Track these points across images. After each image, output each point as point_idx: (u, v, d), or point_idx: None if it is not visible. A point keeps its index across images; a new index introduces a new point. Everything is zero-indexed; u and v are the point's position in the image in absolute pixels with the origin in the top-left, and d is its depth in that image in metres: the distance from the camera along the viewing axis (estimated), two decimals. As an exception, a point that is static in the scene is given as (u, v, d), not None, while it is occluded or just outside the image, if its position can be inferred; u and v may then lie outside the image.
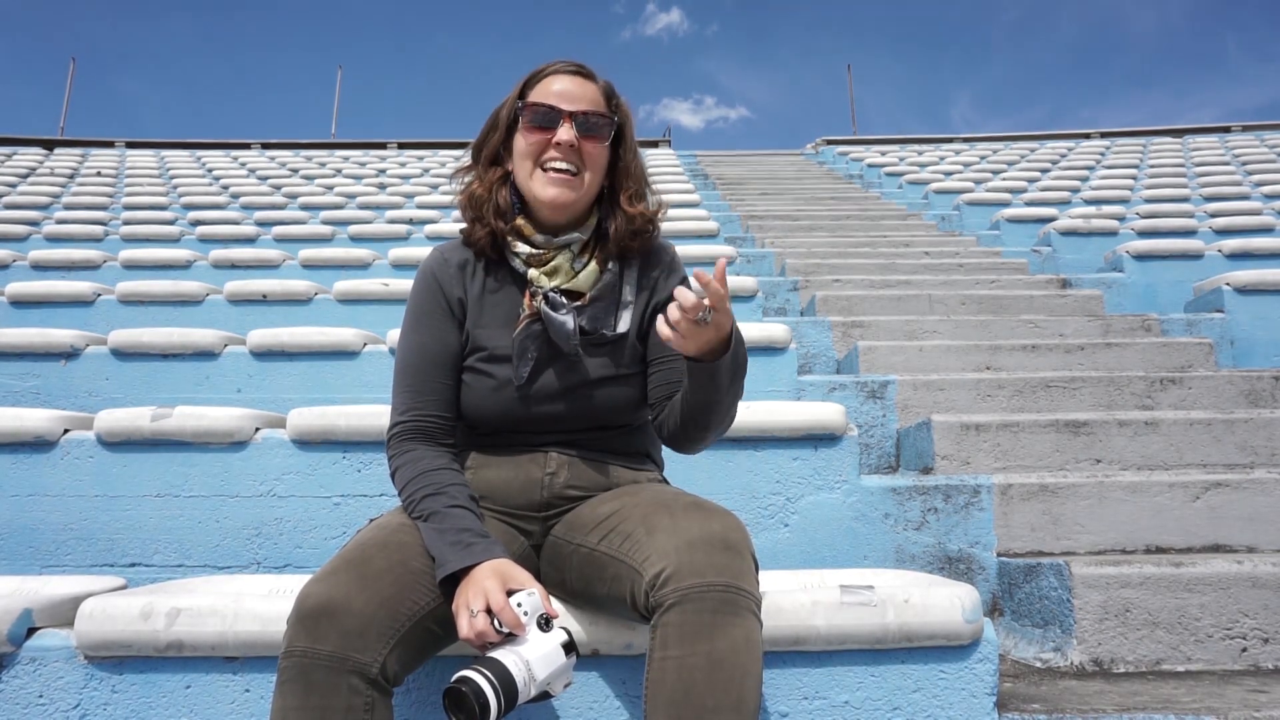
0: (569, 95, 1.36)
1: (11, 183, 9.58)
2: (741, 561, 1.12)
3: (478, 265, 1.43)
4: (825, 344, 3.87)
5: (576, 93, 1.37)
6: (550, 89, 1.37)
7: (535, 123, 1.36)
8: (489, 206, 1.39)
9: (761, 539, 2.17)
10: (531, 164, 1.37)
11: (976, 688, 1.38)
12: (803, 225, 7.18)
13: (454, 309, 1.40)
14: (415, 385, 1.37)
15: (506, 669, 1.07)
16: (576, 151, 1.35)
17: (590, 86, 1.39)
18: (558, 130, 1.34)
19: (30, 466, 2.26)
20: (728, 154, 13.16)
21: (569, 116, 1.35)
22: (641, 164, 1.46)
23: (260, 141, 13.60)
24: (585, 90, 1.38)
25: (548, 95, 1.36)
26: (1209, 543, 2.20)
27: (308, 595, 1.10)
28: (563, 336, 1.34)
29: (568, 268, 1.38)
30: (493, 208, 1.39)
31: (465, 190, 1.44)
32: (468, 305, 1.41)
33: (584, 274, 1.39)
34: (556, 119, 1.35)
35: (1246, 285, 4.02)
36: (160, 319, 3.96)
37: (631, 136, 1.44)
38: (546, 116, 1.35)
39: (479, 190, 1.41)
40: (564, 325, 1.34)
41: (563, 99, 1.36)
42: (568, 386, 1.36)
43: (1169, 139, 12.79)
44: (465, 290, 1.41)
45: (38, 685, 1.39)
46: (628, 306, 1.42)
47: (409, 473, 1.30)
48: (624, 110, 1.42)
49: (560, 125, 1.34)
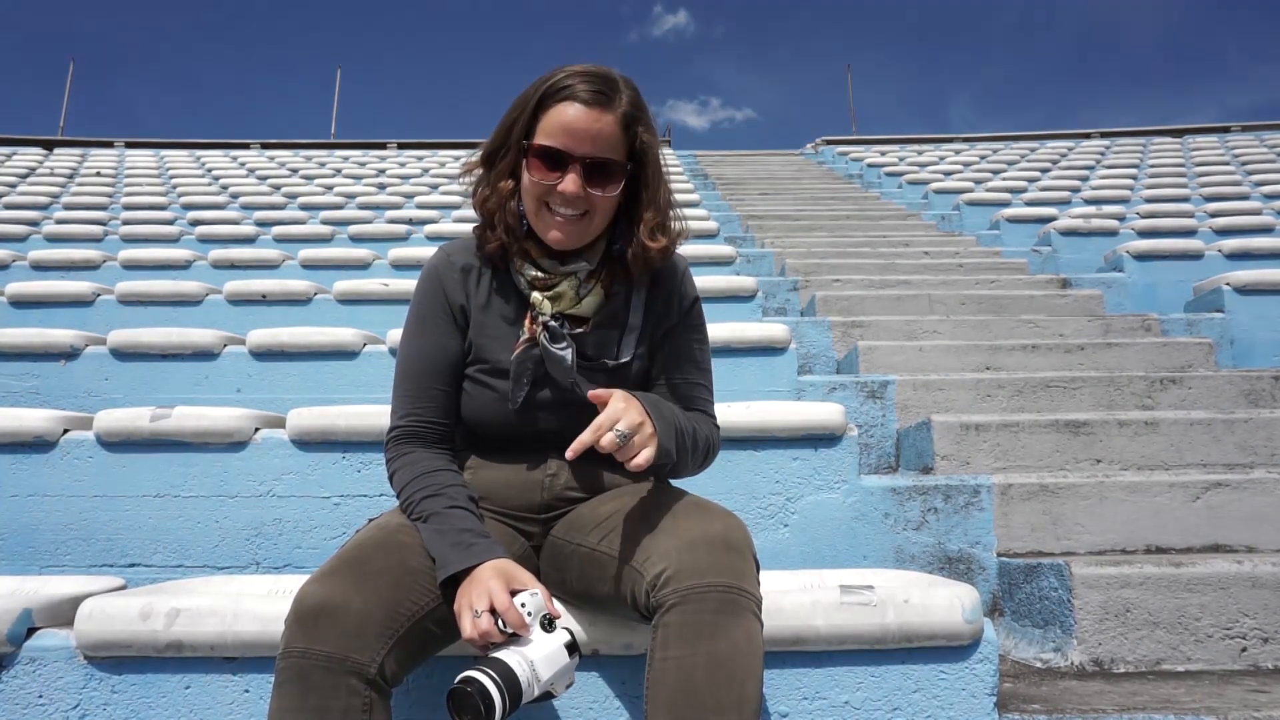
0: (579, 133, 1.25)
1: (11, 183, 9.58)
2: (742, 562, 1.12)
3: (484, 271, 1.39)
4: (825, 344, 3.87)
5: (589, 130, 1.25)
6: (561, 122, 1.26)
7: (543, 164, 1.27)
8: (500, 220, 1.35)
9: (761, 539, 2.17)
10: (536, 203, 1.30)
11: (977, 688, 1.38)
12: (802, 225, 7.18)
13: (456, 315, 1.38)
14: (415, 390, 1.36)
15: (511, 669, 1.06)
16: (583, 199, 1.28)
17: (606, 119, 1.26)
18: (564, 177, 1.26)
19: (30, 466, 2.26)
20: (727, 154, 13.16)
21: (576, 163, 1.26)
22: (666, 191, 1.37)
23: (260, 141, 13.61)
24: (600, 125, 1.26)
25: (556, 133, 1.26)
26: (1209, 543, 2.20)
27: (306, 596, 1.10)
28: (560, 371, 1.32)
29: (572, 295, 1.35)
30: (503, 223, 1.35)
31: (478, 195, 1.38)
32: (470, 312, 1.38)
33: (588, 300, 1.36)
34: (564, 163, 1.26)
35: (1246, 285, 4.02)
36: (160, 319, 3.95)
37: (656, 164, 1.34)
38: (553, 160, 1.26)
39: (491, 202, 1.36)
40: (562, 361, 1.31)
41: (571, 139, 1.25)
42: (565, 406, 1.34)
43: (1169, 139, 12.80)
44: (469, 297, 1.38)
45: (37, 685, 1.39)
46: (633, 331, 1.39)
47: (407, 475, 1.30)
48: (644, 141, 1.31)
49: (567, 171, 1.26)
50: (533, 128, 1.29)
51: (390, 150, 13.25)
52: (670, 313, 1.42)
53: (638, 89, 1.32)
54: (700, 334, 1.46)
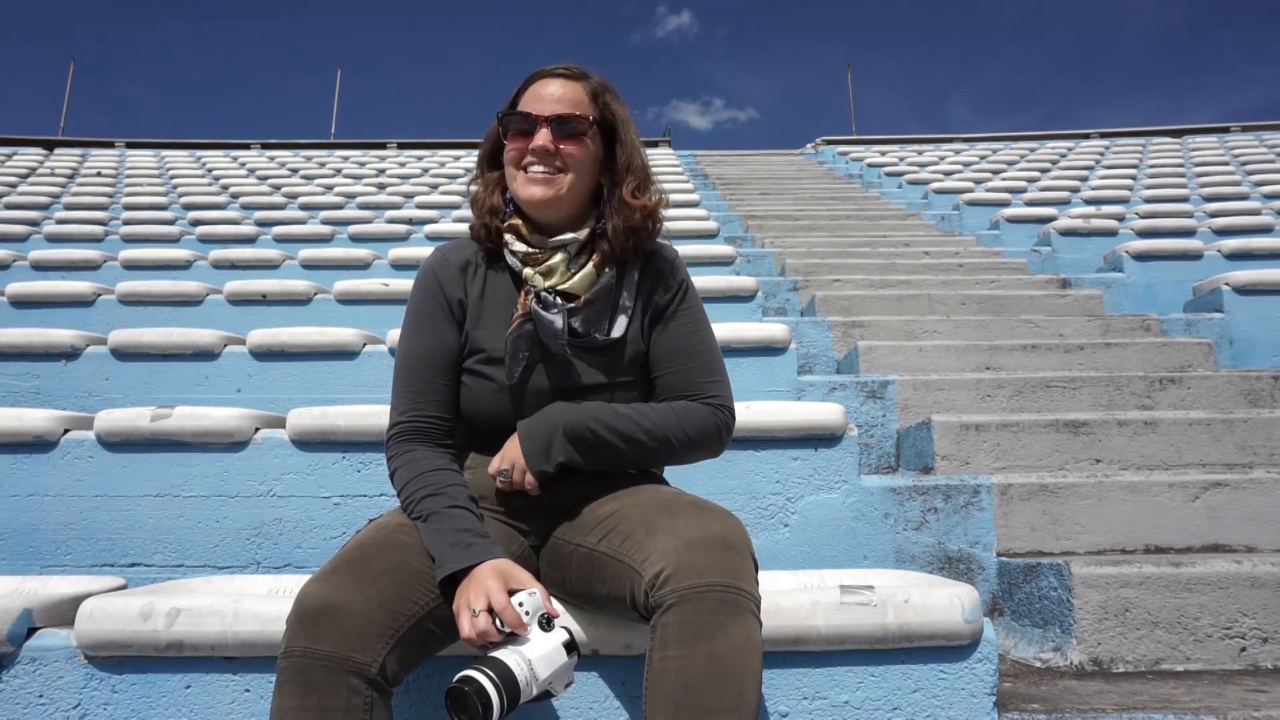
0: (547, 99, 1.37)
1: (12, 183, 9.58)
2: (741, 561, 1.12)
3: (480, 267, 1.43)
4: (825, 344, 3.87)
5: (557, 95, 1.38)
6: (532, 94, 1.39)
7: (515, 130, 1.38)
8: (484, 206, 1.42)
9: (761, 539, 2.17)
10: (514, 169, 1.39)
11: (976, 688, 1.38)
12: (803, 225, 7.18)
13: (454, 309, 1.40)
14: (414, 386, 1.37)
15: (509, 668, 1.07)
16: (554, 154, 1.36)
17: (574, 87, 1.39)
18: (535, 136, 1.36)
19: (30, 466, 2.26)
20: (728, 154, 13.16)
21: (545, 121, 1.36)
22: (643, 160, 1.45)
23: (260, 141, 13.61)
24: (567, 91, 1.38)
25: (527, 102, 1.38)
26: (1208, 542, 2.20)
27: (306, 595, 1.10)
28: (550, 335, 1.34)
29: (563, 269, 1.38)
30: (487, 209, 1.42)
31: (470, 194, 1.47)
32: (468, 306, 1.41)
33: (580, 276, 1.38)
34: (534, 125, 1.36)
35: (1246, 285, 4.02)
36: (160, 319, 3.96)
37: (628, 133, 1.43)
38: (524, 123, 1.37)
39: (480, 193, 1.44)
40: (552, 324, 1.34)
41: (540, 103, 1.37)
42: (560, 390, 1.36)
43: (1168, 139, 12.80)
44: (466, 291, 1.41)
45: (38, 685, 1.39)
46: (624, 311, 1.41)
47: (408, 473, 1.30)
48: (612, 108, 1.42)
49: (537, 130, 1.36)
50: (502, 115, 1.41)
51: (390, 150, 13.24)
52: (660, 294, 1.44)
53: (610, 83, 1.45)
54: (692, 319, 1.45)
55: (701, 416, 1.38)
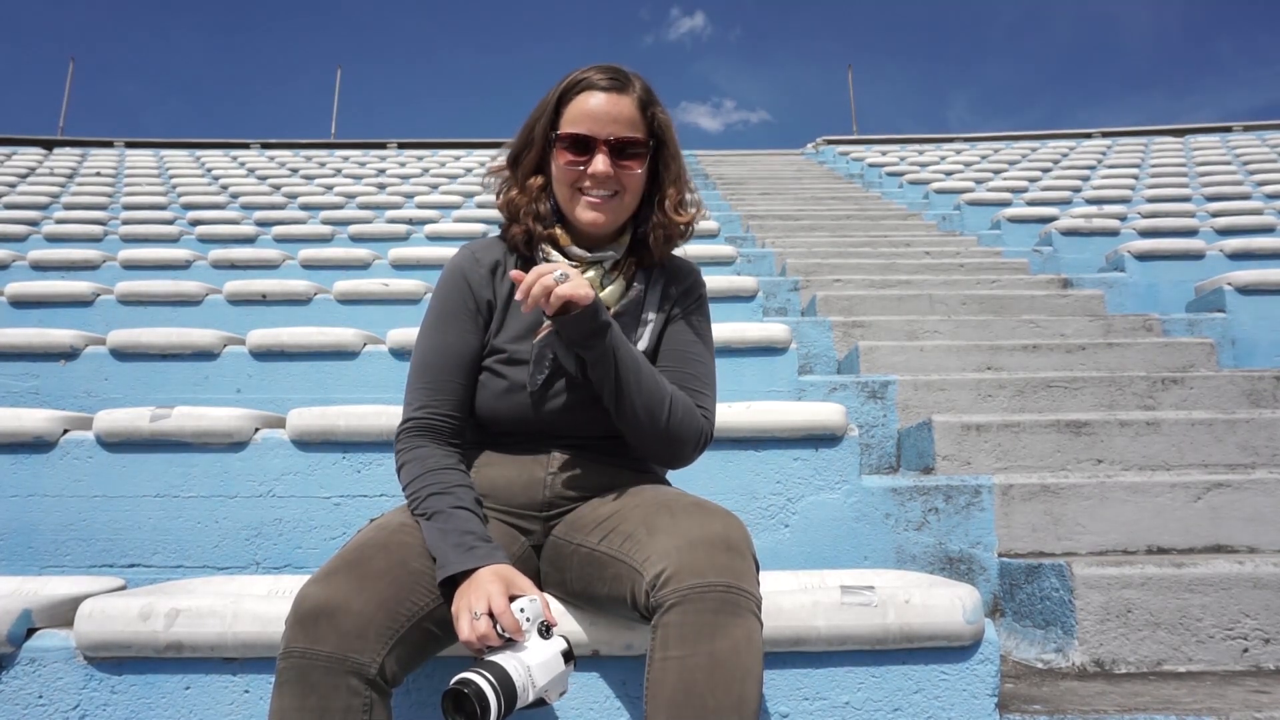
0: (602, 117, 1.34)
1: (11, 183, 9.58)
2: (742, 562, 1.12)
3: (509, 269, 1.42)
4: (826, 344, 3.86)
5: (610, 113, 1.34)
6: (583, 110, 1.34)
7: (569, 151, 1.35)
8: (527, 212, 1.40)
9: (762, 539, 2.17)
10: (569, 189, 1.37)
11: (978, 689, 1.37)
12: (803, 225, 7.17)
13: (482, 310, 1.40)
14: (432, 383, 1.36)
15: (507, 673, 1.06)
16: (613, 179, 1.35)
17: (624, 102, 1.35)
18: (593, 160, 1.34)
19: (30, 467, 2.26)
20: (728, 154, 13.15)
21: (602, 145, 1.33)
22: (682, 166, 1.45)
23: (260, 141, 13.59)
24: (619, 108, 1.34)
25: (580, 120, 1.34)
26: (1210, 543, 2.19)
27: (306, 596, 1.10)
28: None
29: (596, 283, 1.38)
30: (531, 214, 1.40)
31: (504, 197, 1.44)
32: (495, 308, 1.41)
33: (610, 290, 1.40)
34: (591, 147, 1.34)
35: (1248, 285, 4.02)
36: (160, 319, 3.95)
37: (673, 142, 1.42)
38: (580, 145, 1.34)
39: (519, 199, 1.41)
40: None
41: (595, 123, 1.34)
42: (580, 398, 1.36)
43: (1170, 138, 12.78)
44: (495, 294, 1.41)
45: (37, 686, 1.39)
46: (648, 324, 1.43)
47: (416, 469, 1.30)
48: (661, 120, 1.40)
49: (595, 154, 1.33)
50: (557, 122, 1.37)
51: (390, 150, 13.23)
52: (679, 306, 1.46)
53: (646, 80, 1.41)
54: (698, 326, 1.46)
55: (692, 416, 1.37)
